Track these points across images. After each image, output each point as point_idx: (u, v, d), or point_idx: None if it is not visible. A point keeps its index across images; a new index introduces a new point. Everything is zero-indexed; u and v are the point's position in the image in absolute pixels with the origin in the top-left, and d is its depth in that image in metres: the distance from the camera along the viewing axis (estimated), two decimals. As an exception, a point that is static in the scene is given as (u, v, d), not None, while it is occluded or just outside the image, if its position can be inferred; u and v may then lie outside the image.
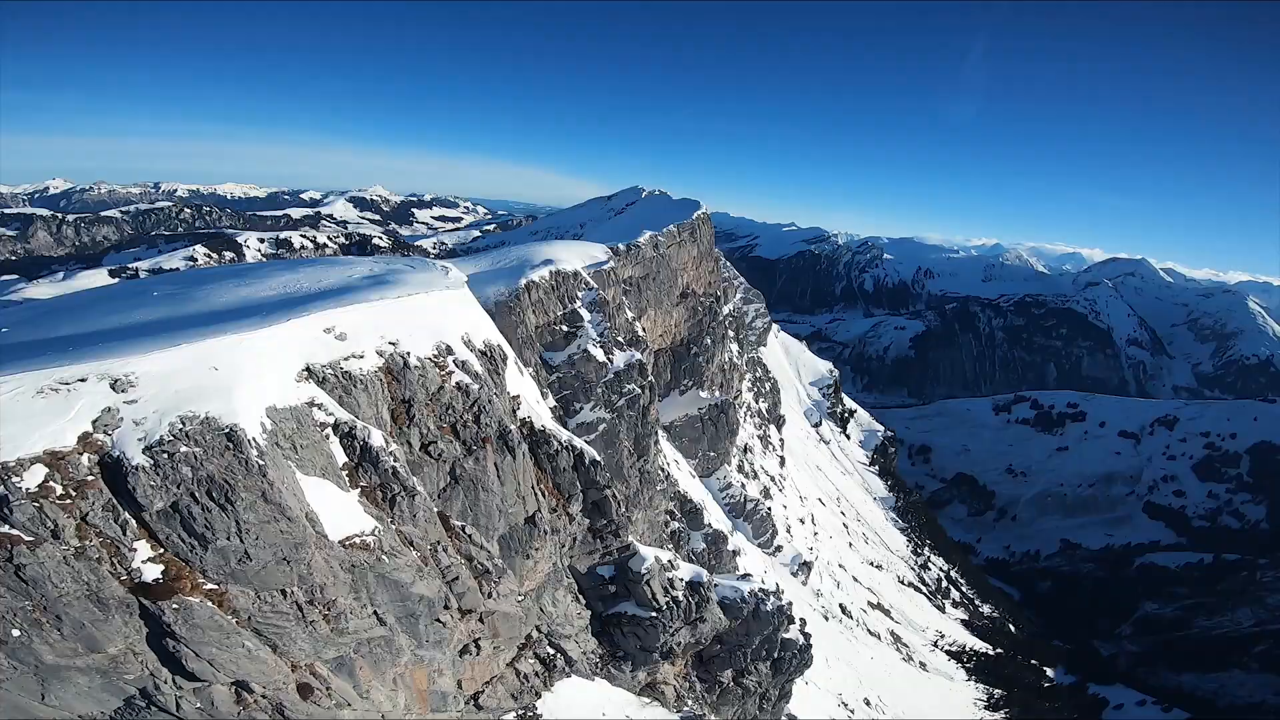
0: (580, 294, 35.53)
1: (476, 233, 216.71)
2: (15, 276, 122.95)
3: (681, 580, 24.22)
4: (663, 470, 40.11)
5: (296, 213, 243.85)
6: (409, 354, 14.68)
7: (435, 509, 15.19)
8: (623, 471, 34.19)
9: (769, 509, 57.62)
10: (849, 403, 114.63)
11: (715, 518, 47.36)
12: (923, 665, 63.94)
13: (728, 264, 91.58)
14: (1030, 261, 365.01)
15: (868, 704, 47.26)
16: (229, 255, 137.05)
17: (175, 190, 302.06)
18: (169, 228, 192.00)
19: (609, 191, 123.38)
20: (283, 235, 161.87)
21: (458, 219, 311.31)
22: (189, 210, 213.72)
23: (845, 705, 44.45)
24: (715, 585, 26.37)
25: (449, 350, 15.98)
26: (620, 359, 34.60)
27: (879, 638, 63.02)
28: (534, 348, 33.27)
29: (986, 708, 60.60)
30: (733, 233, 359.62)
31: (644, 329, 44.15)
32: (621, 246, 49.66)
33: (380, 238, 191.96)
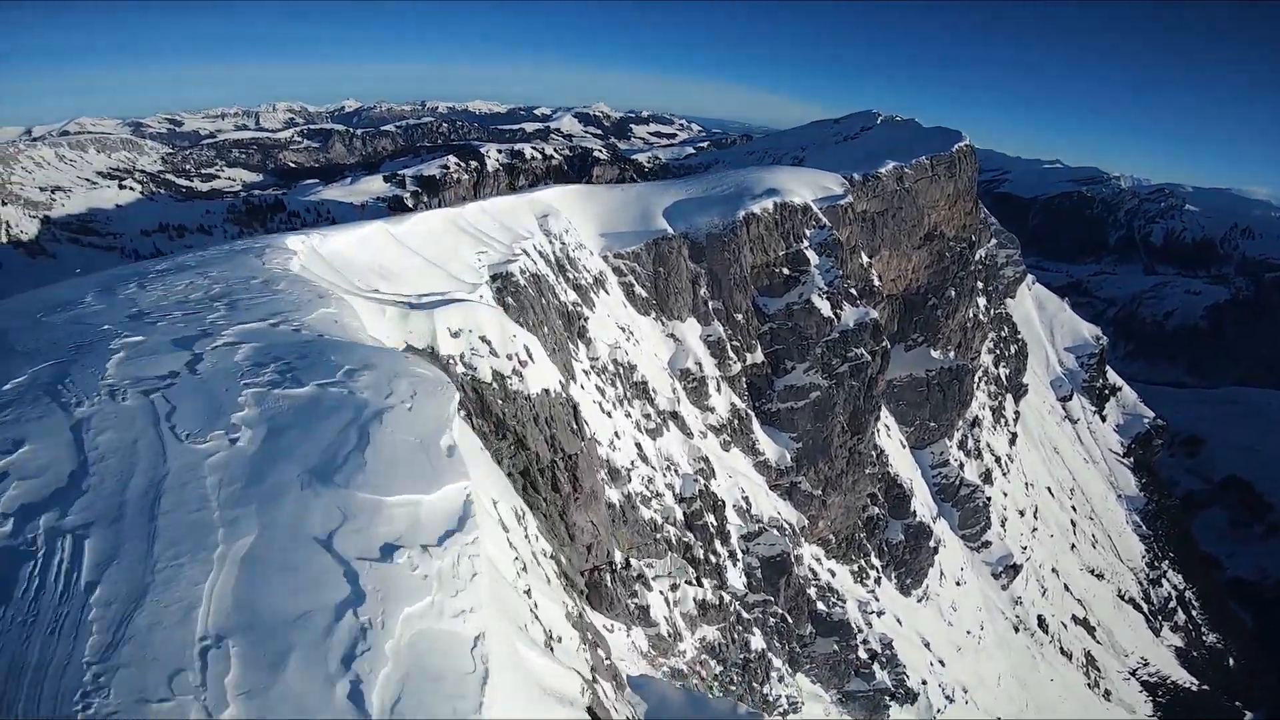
0: (808, 232, 30.70)
1: (691, 150, 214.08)
2: (316, 180, 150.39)
3: None
4: (875, 449, 34.84)
5: (530, 127, 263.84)
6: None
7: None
8: (829, 450, 29.86)
9: (987, 499, 49.05)
10: (1113, 378, 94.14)
11: (922, 502, 41.28)
12: (1106, 694, 55.46)
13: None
14: None
15: (1024, 730, 40.54)
16: (474, 163, 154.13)
17: (436, 108, 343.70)
18: (430, 140, 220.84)
19: (830, 115, 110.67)
20: (517, 147, 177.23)
21: (672, 135, 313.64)
22: (446, 125, 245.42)
23: (998, 731, 38.29)
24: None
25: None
26: (850, 315, 29.49)
27: (1070, 658, 55.03)
28: (747, 291, 29.69)
29: (1155, 749, 50.82)
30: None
31: (877, 274, 37.79)
32: (857, 177, 43.55)
33: (600, 151, 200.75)
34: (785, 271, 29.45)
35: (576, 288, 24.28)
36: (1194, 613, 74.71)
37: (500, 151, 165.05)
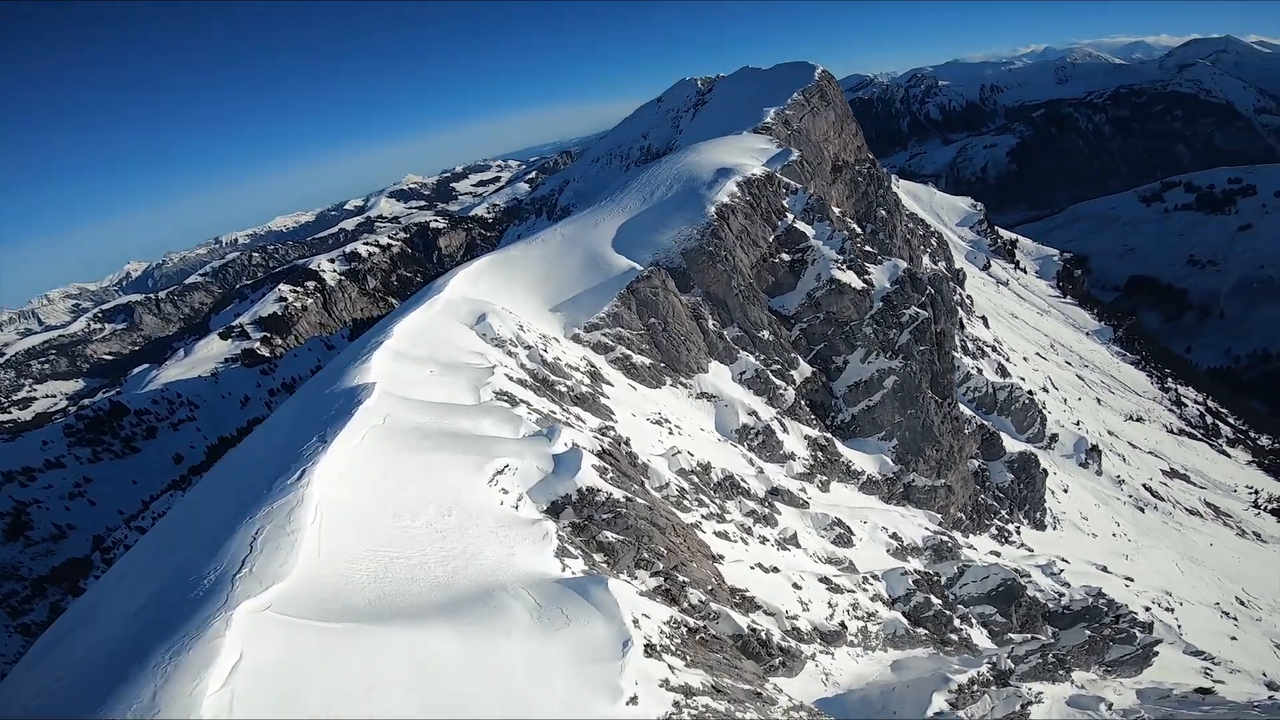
0: (785, 203, 24.90)
1: (524, 185, 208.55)
2: (146, 365, 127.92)
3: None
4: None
5: (350, 224, 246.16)
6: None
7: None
8: (932, 431, 24.30)
9: (1029, 393, 46.06)
10: (1005, 234, 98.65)
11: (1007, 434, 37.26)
12: (1257, 535, 51.89)
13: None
14: (1104, 57, 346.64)
15: (1241, 604, 37.75)
16: (311, 284, 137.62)
17: (235, 239, 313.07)
18: (248, 276, 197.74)
19: (619, 113, 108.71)
20: (348, 250, 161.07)
21: (496, 179, 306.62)
22: (257, 254, 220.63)
23: (1227, 615, 35.31)
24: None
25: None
26: (881, 275, 24.11)
27: (1200, 515, 51.55)
28: (758, 300, 23.39)
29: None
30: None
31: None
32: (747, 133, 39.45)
33: (436, 220, 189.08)
34: (785, 258, 23.59)
35: (579, 400, 16.88)
36: (1231, 421, 72.81)
37: (333, 261, 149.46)
